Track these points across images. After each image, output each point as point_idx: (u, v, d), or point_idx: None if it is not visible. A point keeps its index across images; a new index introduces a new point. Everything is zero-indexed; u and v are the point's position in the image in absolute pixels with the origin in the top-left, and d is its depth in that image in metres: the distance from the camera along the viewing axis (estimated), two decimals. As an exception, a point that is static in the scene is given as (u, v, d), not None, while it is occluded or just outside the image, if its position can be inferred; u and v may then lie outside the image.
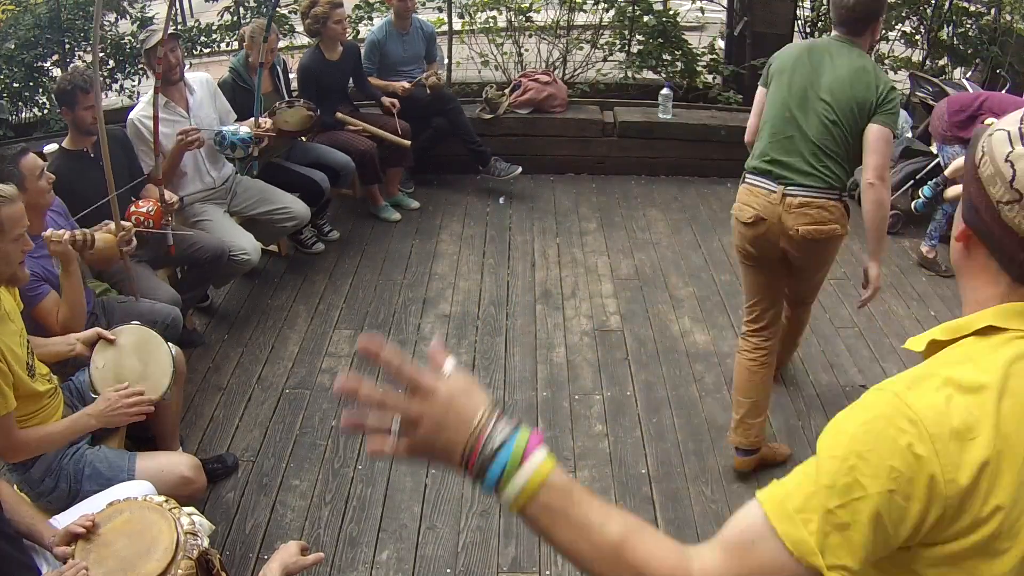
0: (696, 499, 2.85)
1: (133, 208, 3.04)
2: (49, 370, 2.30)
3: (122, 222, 2.70)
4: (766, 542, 0.85)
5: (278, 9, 5.78)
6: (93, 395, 2.34)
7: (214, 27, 5.78)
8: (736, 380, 2.90)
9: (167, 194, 3.18)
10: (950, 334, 0.93)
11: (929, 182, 4.47)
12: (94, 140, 3.13)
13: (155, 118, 3.16)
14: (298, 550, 1.80)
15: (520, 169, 5.09)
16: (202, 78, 3.75)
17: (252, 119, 3.80)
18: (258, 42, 3.88)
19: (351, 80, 4.72)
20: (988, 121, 4.06)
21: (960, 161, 4.17)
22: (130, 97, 5.54)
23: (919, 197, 4.50)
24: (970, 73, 5.73)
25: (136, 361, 2.41)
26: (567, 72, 5.96)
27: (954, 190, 4.25)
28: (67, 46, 5.31)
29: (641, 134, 5.41)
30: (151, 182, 3.36)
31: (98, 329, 2.46)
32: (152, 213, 3.05)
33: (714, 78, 6.14)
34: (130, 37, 5.52)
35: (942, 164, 4.40)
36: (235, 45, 4.92)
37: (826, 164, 2.57)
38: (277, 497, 2.83)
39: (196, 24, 6.01)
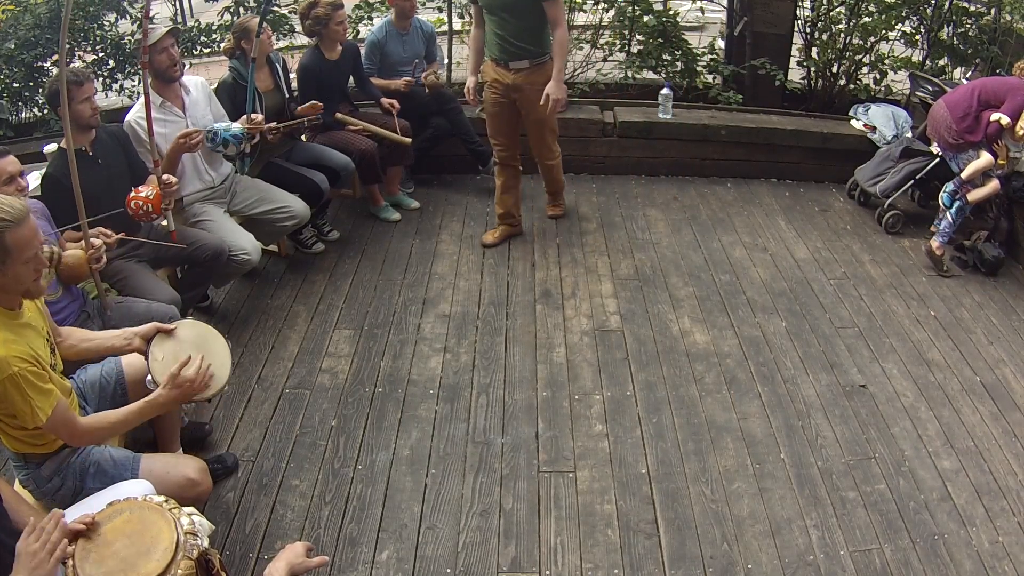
0: (696, 499, 2.86)
1: (133, 193, 3.04)
2: (62, 368, 2.30)
3: (92, 240, 2.69)
4: None
5: (277, 8, 5.78)
6: (150, 388, 2.33)
7: (214, 27, 5.78)
8: None
9: (165, 176, 3.17)
10: None
11: (948, 189, 4.37)
12: (92, 138, 3.12)
13: (148, 113, 3.14)
14: (304, 551, 1.80)
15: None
16: (198, 81, 3.75)
17: (244, 116, 3.79)
18: (252, 37, 3.89)
19: (351, 80, 4.72)
20: (995, 117, 4.11)
21: (978, 164, 4.17)
22: (130, 97, 5.54)
23: (947, 206, 4.36)
24: (970, 73, 5.73)
25: (195, 355, 2.37)
26: (567, 72, 5.95)
27: (977, 192, 4.26)
28: (67, 46, 5.31)
29: (641, 134, 5.41)
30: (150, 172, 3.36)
31: (156, 323, 2.46)
32: (152, 197, 3.04)
33: (714, 78, 6.14)
34: (130, 37, 5.52)
35: (955, 169, 4.37)
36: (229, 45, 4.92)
37: None
38: (277, 497, 2.83)
39: (196, 24, 6.01)
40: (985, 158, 4.16)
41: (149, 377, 2.35)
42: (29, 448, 2.16)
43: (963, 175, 4.25)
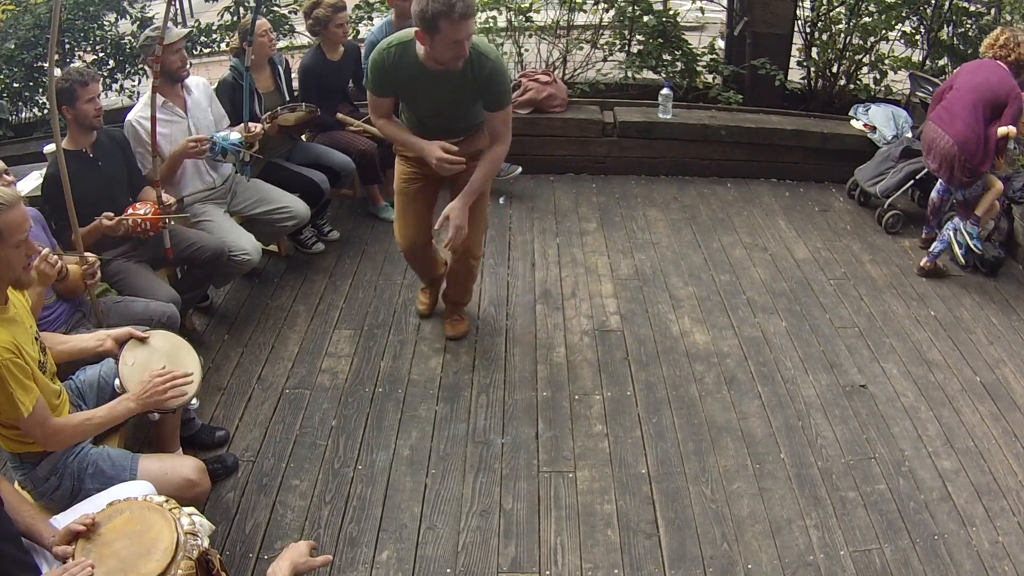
0: (696, 499, 2.86)
1: (130, 211, 3.04)
2: (55, 371, 2.30)
3: (86, 255, 2.69)
4: None
5: (278, 8, 5.79)
6: (118, 392, 2.35)
7: (214, 27, 5.78)
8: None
9: (164, 196, 3.17)
10: None
11: (954, 227, 4.28)
12: (93, 140, 3.13)
13: (152, 119, 3.15)
14: (308, 550, 1.80)
15: (520, 169, 5.09)
16: (199, 81, 3.75)
17: (242, 124, 3.79)
18: (246, 39, 3.90)
19: (351, 80, 4.72)
20: (1002, 132, 4.04)
21: (991, 195, 4.10)
22: (130, 97, 5.54)
23: (969, 248, 4.26)
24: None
25: (166, 364, 2.42)
26: (567, 72, 5.96)
27: (983, 205, 4.22)
28: (67, 46, 5.31)
29: (641, 134, 5.41)
30: (149, 184, 3.36)
31: (130, 329, 2.48)
32: (149, 215, 3.04)
33: (714, 78, 6.14)
34: (130, 37, 5.52)
35: (958, 198, 4.27)
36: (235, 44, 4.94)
37: None
38: (277, 497, 2.83)
39: (196, 24, 6.01)
40: (996, 187, 4.12)
41: (117, 381, 2.38)
42: (23, 447, 2.16)
43: (978, 211, 4.18)
